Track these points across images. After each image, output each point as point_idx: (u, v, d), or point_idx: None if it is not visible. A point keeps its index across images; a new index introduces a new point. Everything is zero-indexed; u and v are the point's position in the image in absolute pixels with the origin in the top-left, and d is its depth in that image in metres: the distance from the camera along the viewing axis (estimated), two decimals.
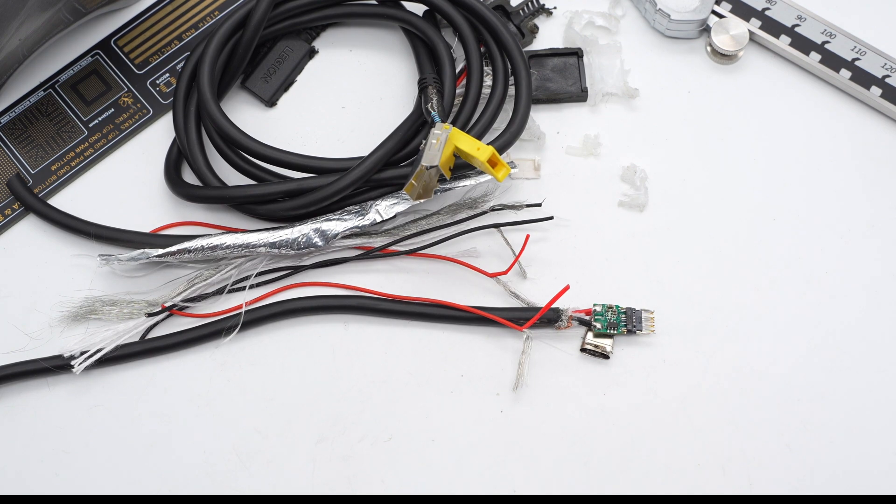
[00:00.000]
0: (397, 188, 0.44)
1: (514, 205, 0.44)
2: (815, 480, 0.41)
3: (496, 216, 0.44)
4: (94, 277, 0.44)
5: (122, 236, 0.44)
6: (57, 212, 0.45)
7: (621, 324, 0.42)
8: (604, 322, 0.42)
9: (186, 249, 0.43)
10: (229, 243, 0.43)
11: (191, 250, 0.43)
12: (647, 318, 0.42)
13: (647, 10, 0.48)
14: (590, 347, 0.42)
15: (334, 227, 0.43)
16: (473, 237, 0.44)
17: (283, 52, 0.48)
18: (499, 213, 0.44)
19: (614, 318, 0.42)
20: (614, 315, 0.42)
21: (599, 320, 0.42)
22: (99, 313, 0.43)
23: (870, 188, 0.46)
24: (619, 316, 0.42)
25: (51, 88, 0.48)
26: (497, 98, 0.45)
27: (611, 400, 0.42)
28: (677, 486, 0.41)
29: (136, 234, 0.44)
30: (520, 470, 0.41)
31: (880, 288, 0.44)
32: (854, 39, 0.47)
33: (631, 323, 0.42)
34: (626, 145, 0.46)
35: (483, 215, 0.44)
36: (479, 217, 0.44)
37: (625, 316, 0.42)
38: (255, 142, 0.43)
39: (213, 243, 0.43)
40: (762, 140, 0.47)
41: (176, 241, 0.43)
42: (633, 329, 0.42)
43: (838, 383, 0.42)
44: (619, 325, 0.42)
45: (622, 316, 0.42)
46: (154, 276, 0.44)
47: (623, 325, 0.42)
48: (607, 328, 0.42)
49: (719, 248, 0.45)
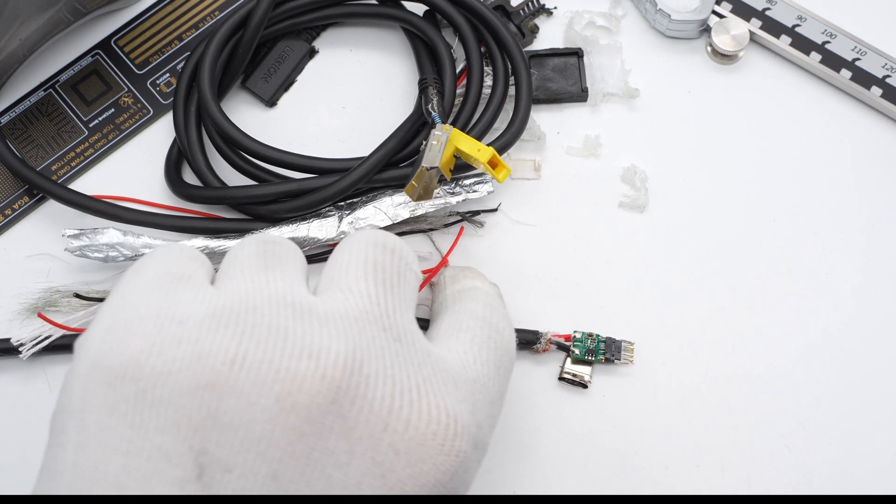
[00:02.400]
0: (397, 189, 0.44)
1: (471, 212, 0.44)
2: (815, 480, 0.41)
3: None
4: (51, 269, 0.44)
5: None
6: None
7: (600, 352, 0.42)
8: (582, 349, 0.42)
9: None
10: (194, 247, 0.43)
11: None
12: (626, 347, 0.42)
13: (647, 10, 0.48)
14: (568, 376, 0.42)
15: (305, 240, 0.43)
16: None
17: (284, 52, 0.48)
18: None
19: (593, 346, 0.42)
20: (594, 342, 0.42)
21: (578, 346, 0.42)
22: (58, 305, 0.43)
23: (870, 188, 0.46)
24: (599, 344, 0.42)
25: (51, 88, 0.48)
26: (497, 98, 0.45)
27: (610, 400, 0.42)
28: (677, 486, 0.41)
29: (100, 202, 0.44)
30: (519, 470, 0.41)
31: (880, 288, 0.44)
32: (855, 39, 0.47)
33: (610, 352, 0.42)
34: (627, 145, 0.46)
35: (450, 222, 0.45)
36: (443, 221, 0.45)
37: (604, 344, 0.42)
38: (255, 142, 0.43)
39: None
40: (763, 140, 0.47)
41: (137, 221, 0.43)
42: (612, 358, 0.42)
43: (838, 383, 0.43)
44: (597, 353, 0.42)
45: (601, 344, 0.42)
46: (108, 267, 0.44)
47: (602, 353, 0.42)
48: (585, 354, 0.42)
49: (720, 249, 0.45)
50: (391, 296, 0.32)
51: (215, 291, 0.31)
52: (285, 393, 0.28)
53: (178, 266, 0.32)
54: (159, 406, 0.28)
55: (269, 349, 0.29)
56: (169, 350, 0.29)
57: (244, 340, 0.29)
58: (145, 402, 0.28)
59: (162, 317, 0.29)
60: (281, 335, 0.29)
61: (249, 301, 0.30)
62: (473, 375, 0.33)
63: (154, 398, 0.28)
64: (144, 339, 0.29)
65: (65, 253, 0.44)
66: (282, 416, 0.28)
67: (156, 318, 0.29)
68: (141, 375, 0.28)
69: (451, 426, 0.30)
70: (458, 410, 0.30)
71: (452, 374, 0.32)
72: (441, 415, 0.30)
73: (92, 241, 0.43)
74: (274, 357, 0.29)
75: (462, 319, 0.35)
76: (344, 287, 0.32)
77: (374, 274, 0.32)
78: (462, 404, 0.31)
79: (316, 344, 0.29)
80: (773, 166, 0.46)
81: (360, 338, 0.30)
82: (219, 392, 0.28)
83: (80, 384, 0.29)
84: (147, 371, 0.28)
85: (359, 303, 0.31)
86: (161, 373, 0.28)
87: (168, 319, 0.29)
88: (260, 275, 0.31)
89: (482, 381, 0.33)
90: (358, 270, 0.32)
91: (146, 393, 0.28)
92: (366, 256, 0.33)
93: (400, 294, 0.32)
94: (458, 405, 0.30)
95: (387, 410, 0.29)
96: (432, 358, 0.31)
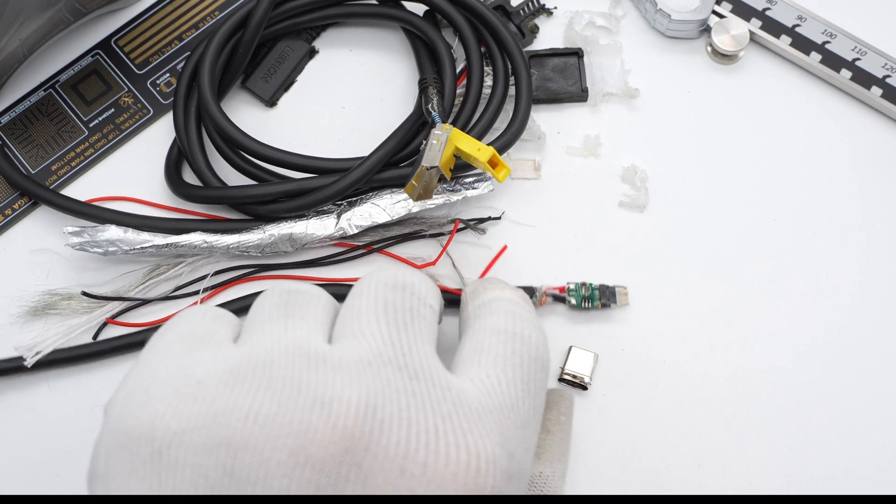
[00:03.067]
0: (397, 189, 0.44)
1: (475, 220, 0.44)
2: (815, 480, 0.41)
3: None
4: (51, 269, 0.44)
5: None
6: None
7: (595, 299, 0.43)
8: (577, 297, 0.43)
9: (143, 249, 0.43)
10: (193, 243, 0.43)
11: (146, 248, 0.43)
12: (620, 292, 0.43)
13: (647, 10, 0.48)
14: (568, 377, 0.42)
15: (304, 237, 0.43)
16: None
17: (284, 52, 0.48)
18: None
19: (588, 294, 0.43)
20: (588, 291, 0.43)
21: (573, 296, 0.43)
22: (56, 308, 0.43)
23: (870, 188, 0.46)
24: (594, 292, 0.43)
25: (51, 88, 0.48)
26: (497, 98, 0.45)
27: (610, 400, 0.42)
28: (677, 486, 0.41)
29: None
30: None
31: (880, 288, 0.44)
32: (854, 39, 0.47)
33: (605, 298, 0.43)
34: (627, 145, 0.46)
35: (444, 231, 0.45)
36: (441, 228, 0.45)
37: (598, 292, 0.43)
38: (255, 142, 0.43)
39: (170, 242, 0.43)
40: (763, 140, 0.47)
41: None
42: (608, 303, 0.43)
43: (838, 383, 0.42)
44: (593, 300, 0.43)
45: (596, 292, 0.43)
46: (108, 268, 0.44)
47: (597, 300, 0.43)
48: (581, 303, 0.43)
49: (720, 249, 0.45)
50: (405, 334, 0.31)
51: (235, 347, 0.31)
52: (298, 446, 0.28)
53: (200, 326, 0.32)
54: (175, 466, 0.28)
55: (283, 402, 0.29)
56: (184, 410, 0.29)
57: (259, 395, 0.29)
58: (161, 463, 0.28)
59: (180, 377, 0.30)
60: (295, 387, 0.29)
61: (267, 354, 0.30)
62: (499, 402, 0.31)
63: (170, 459, 0.28)
64: (161, 400, 0.29)
65: (65, 251, 0.44)
66: (297, 471, 0.28)
67: (174, 380, 0.30)
68: (156, 436, 0.28)
69: (472, 464, 0.29)
70: (482, 445, 0.29)
71: (476, 406, 0.30)
72: (461, 454, 0.29)
73: (92, 238, 0.43)
74: (287, 410, 0.28)
75: (483, 339, 0.34)
76: (357, 332, 0.31)
77: (385, 315, 0.32)
78: (487, 437, 0.30)
79: (329, 393, 0.29)
80: (774, 166, 0.46)
81: (373, 382, 0.29)
82: (234, 449, 0.28)
83: (103, 450, 0.29)
84: (161, 432, 0.28)
85: (372, 346, 0.31)
86: (176, 432, 0.28)
87: (185, 380, 0.29)
88: (279, 325, 0.31)
89: (510, 405, 0.31)
90: (370, 314, 0.32)
91: (161, 454, 0.28)
92: (376, 298, 0.32)
93: (414, 331, 0.32)
94: (482, 439, 0.29)
95: (402, 455, 0.28)
96: (453, 392, 0.30)
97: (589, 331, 0.43)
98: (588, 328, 0.43)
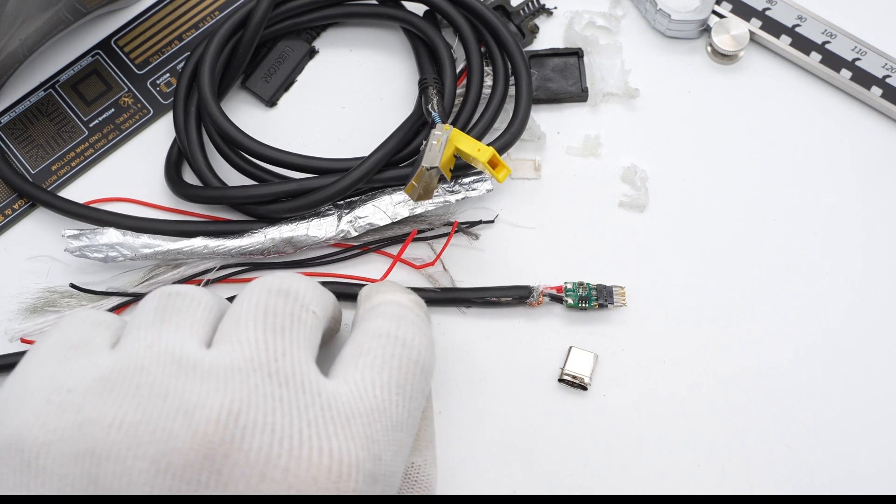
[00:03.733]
0: (397, 189, 0.44)
1: (468, 223, 0.44)
2: (815, 480, 0.41)
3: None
4: (50, 269, 0.44)
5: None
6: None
7: (592, 298, 0.43)
8: (574, 297, 0.43)
9: (146, 255, 0.43)
10: (194, 248, 0.43)
11: (147, 255, 0.43)
12: (617, 292, 0.43)
13: (647, 10, 0.48)
14: (568, 377, 0.42)
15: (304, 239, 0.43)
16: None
17: (284, 52, 0.48)
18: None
19: (585, 294, 0.43)
20: (585, 291, 0.43)
21: (570, 295, 0.43)
22: (56, 305, 0.43)
23: (870, 188, 0.46)
24: (591, 291, 0.43)
25: (51, 88, 0.48)
26: (497, 98, 0.45)
27: (610, 400, 0.42)
28: (677, 486, 0.41)
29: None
30: (519, 469, 0.41)
31: (880, 288, 0.44)
32: (854, 39, 0.47)
33: (602, 297, 0.43)
34: (627, 145, 0.46)
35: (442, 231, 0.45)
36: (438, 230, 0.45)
37: (595, 291, 0.43)
38: (255, 142, 0.43)
39: (171, 248, 0.43)
40: (763, 140, 0.47)
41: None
42: (605, 303, 0.43)
43: (838, 383, 0.43)
44: (590, 300, 0.43)
45: (593, 292, 0.43)
46: (108, 268, 0.44)
47: (594, 300, 0.43)
48: (578, 303, 0.42)
49: (720, 249, 0.45)
50: (280, 340, 0.31)
51: (111, 354, 0.31)
52: (160, 454, 0.28)
53: (77, 334, 0.32)
54: (43, 476, 0.28)
55: (147, 410, 0.29)
56: (52, 420, 0.29)
57: (125, 403, 0.29)
58: (30, 473, 0.28)
59: (51, 387, 0.30)
60: (161, 394, 0.29)
61: (138, 361, 0.30)
62: (370, 405, 0.31)
63: (38, 468, 0.28)
64: (31, 411, 0.29)
65: (64, 253, 0.44)
66: (158, 478, 0.28)
67: (45, 389, 0.30)
68: (24, 447, 0.29)
69: (333, 468, 0.29)
70: (346, 449, 0.29)
71: (345, 409, 0.30)
72: (323, 458, 0.29)
73: (91, 241, 0.43)
74: (151, 418, 0.29)
75: (364, 342, 0.33)
76: (233, 338, 0.31)
77: (263, 320, 0.32)
78: (352, 441, 0.30)
79: (193, 401, 0.29)
80: (773, 166, 0.46)
81: (240, 388, 0.29)
82: (97, 458, 0.28)
83: None
84: (29, 443, 0.29)
85: (245, 351, 0.31)
86: (43, 443, 0.29)
87: (56, 390, 0.30)
88: (153, 330, 0.31)
89: (382, 408, 0.31)
90: (248, 319, 0.32)
91: (30, 464, 0.28)
92: (257, 304, 0.32)
93: (291, 337, 0.31)
94: (347, 443, 0.29)
95: (264, 460, 0.28)
96: (322, 397, 0.30)
97: (589, 331, 0.43)
98: (588, 328, 0.43)
